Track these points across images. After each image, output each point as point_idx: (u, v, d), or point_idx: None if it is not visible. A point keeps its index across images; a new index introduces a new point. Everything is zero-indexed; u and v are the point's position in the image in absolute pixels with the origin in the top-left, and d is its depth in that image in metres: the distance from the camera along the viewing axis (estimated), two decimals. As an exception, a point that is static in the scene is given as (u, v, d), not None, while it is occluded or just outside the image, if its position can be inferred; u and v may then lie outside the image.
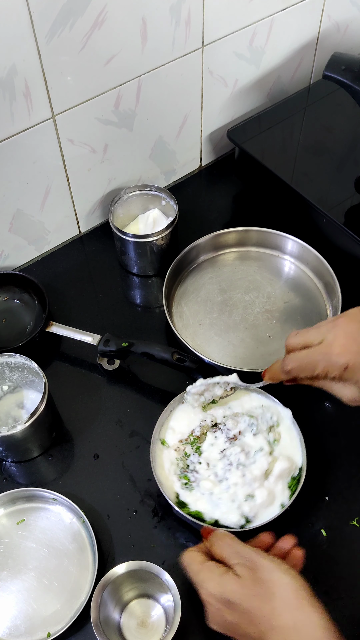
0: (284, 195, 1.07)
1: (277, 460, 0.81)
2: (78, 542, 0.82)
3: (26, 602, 0.78)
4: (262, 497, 0.78)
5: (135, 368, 0.97)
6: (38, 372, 0.86)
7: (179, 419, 0.87)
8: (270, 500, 0.79)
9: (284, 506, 0.78)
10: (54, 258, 1.11)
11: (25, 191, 0.99)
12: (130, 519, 0.84)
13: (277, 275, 1.06)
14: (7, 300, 1.04)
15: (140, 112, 1.03)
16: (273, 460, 0.81)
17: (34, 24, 0.81)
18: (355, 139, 1.15)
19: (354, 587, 0.79)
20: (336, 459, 0.87)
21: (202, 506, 0.80)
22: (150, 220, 1.07)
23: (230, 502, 0.79)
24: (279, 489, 0.79)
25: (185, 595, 0.74)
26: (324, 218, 1.01)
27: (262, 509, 0.78)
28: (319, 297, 1.03)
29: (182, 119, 1.11)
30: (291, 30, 1.14)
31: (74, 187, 1.05)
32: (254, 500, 0.78)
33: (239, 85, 1.15)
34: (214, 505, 0.79)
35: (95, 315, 1.03)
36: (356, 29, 1.25)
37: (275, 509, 0.78)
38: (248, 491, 0.79)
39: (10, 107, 0.87)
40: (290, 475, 0.81)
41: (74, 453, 0.90)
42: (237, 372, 0.91)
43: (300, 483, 0.79)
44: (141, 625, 0.76)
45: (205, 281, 1.05)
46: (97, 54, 0.90)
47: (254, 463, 0.81)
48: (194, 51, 1.02)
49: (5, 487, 0.86)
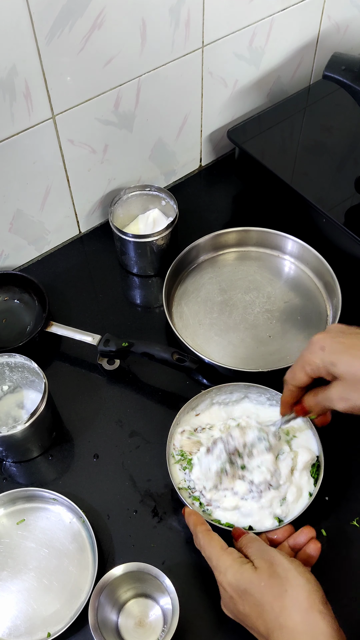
0: (284, 195, 1.07)
1: (298, 454, 0.81)
2: (78, 542, 0.82)
3: (26, 602, 0.78)
4: (292, 495, 0.79)
5: (135, 368, 0.97)
6: (38, 372, 0.86)
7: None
8: (299, 495, 0.80)
9: (312, 495, 0.79)
10: (54, 258, 1.11)
11: (25, 191, 0.99)
12: (130, 519, 0.84)
13: (277, 275, 1.06)
14: (7, 300, 1.04)
15: (140, 113, 1.03)
16: (295, 455, 0.82)
17: (34, 25, 0.81)
18: (355, 139, 1.15)
19: (354, 587, 0.79)
20: (336, 459, 0.87)
21: (230, 518, 0.79)
22: (150, 220, 1.07)
23: (261, 510, 0.79)
24: (305, 481, 0.80)
25: (184, 598, 0.74)
26: (324, 218, 1.01)
27: (293, 505, 0.79)
28: (319, 297, 1.03)
29: (182, 120, 1.11)
30: (291, 31, 1.14)
31: (74, 187, 1.05)
32: (286, 503, 0.79)
33: (239, 85, 1.15)
34: (244, 515, 0.79)
35: (95, 315, 1.03)
36: (356, 29, 1.25)
37: (304, 501, 0.79)
38: (281, 496, 0.79)
39: (10, 108, 0.87)
40: (311, 465, 0.82)
41: (74, 453, 0.90)
42: (237, 372, 0.91)
43: (321, 469, 0.80)
44: (139, 625, 0.76)
45: (205, 281, 1.06)
46: (96, 54, 0.90)
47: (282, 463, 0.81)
48: (194, 52, 1.02)
49: (5, 487, 0.86)
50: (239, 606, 0.66)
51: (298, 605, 0.63)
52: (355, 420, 0.91)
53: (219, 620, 0.76)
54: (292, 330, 0.99)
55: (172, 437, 0.84)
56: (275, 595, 0.64)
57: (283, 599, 0.63)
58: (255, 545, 0.70)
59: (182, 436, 0.85)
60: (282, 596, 0.63)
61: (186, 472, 0.83)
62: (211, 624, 0.77)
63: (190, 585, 0.78)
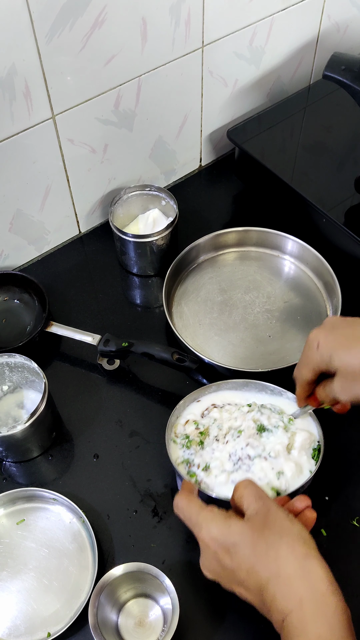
0: (284, 195, 1.07)
1: (296, 434, 0.81)
2: (78, 542, 0.82)
3: (26, 602, 0.78)
4: (291, 471, 0.78)
5: (135, 368, 0.97)
6: (38, 372, 0.86)
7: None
8: (299, 471, 0.79)
9: (312, 472, 0.79)
10: (54, 258, 1.11)
11: (25, 191, 0.99)
12: (130, 519, 0.84)
13: (277, 275, 1.06)
14: (7, 300, 1.04)
15: (140, 112, 1.03)
16: (292, 435, 0.81)
17: (34, 24, 0.81)
18: (355, 139, 1.15)
19: (354, 587, 0.79)
20: (336, 459, 0.87)
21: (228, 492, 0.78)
22: (150, 220, 1.07)
23: (259, 481, 0.78)
24: (304, 460, 0.80)
25: (184, 598, 0.73)
26: (324, 218, 1.01)
27: (293, 481, 0.78)
28: (319, 297, 1.03)
29: (182, 119, 1.11)
30: (291, 30, 1.14)
31: (74, 187, 1.05)
32: (284, 477, 0.78)
33: (239, 85, 1.15)
34: None
35: (95, 315, 1.03)
36: (356, 29, 1.25)
37: (304, 477, 0.79)
38: (277, 468, 0.79)
39: (10, 107, 0.87)
40: (311, 447, 0.81)
41: (74, 453, 0.90)
42: (237, 372, 0.91)
43: (321, 452, 0.79)
44: (139, 625, 0.76)
45: (205, 281, 1.06)
46: (97, 54, 0.90)
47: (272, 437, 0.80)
48: (194, 51, 1.02)
49: (5, 487, 0.86)
50: (225, 561, 0.63)
51: (294, 553, 0.61)
52: (355, 420, 0.91)
53: (219, 620, 0.76)
54: (292, 330, 0.99)
55: (172, 427, 0.84)
56: (270, 544, 0.62)
57: (278, 548, 0.62)
58: (251, 490, 0.68)
59: (188, 426, 0.85)
60: (277, 545, 0.62)
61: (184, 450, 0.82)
62: (211, 623, 0.77)
63: (190, 585, 0.78)
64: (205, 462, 0.80)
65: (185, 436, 0.84)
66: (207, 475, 0.79)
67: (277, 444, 0.80)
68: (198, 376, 0.96)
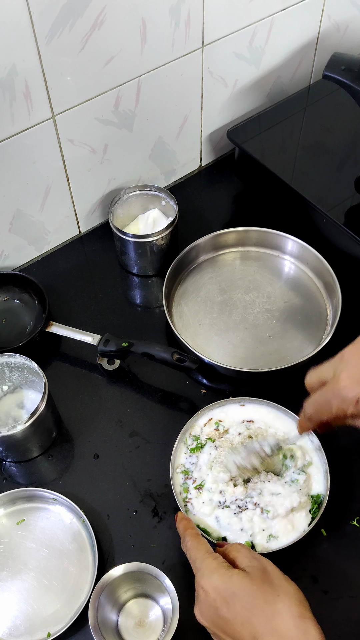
0: (284, 195, 1.07)
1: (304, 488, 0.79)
2: (78, 542, 0.82)
3: (26, 602, 0.78)
4: (284, 531, 0.76)
5: (135, 368, 0.97)
6: (38, 372, 0.86)
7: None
8: (291, 529, 0.77)
9: (304, 531, 0.76)
10: (54, 258, 1.11)
11: (25, 191, 0.99)
12: (130, 519, 0.84)
13: (277, 275, 1.06)
14: (7, 300, 1.04)
15: (140, 112, 1.03)
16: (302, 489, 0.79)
17: (34, 25, 0.81)
18: (355, 139, 1.15)
19: (353, 587, 0.79)
20: (336, 459, 0.87)
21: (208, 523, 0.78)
22: (150, 220, 1.07)
23: (240, 531, 0.77)
24: (302, 517, 0.78)
25: (184, 598, 0.73)
26: (324, 218, 1.01)
27: (280, 541, 0.76)
28: (319, 297, 1.03)
29: (182, 119, 1.11)
30: (291, 30, 1.14)
31: (74, 187, 1.05)
32: (275, 539, 0.76)
33: (239, 85, 1.15)
34: (221, 527, 0.78)
35: (95, 315, 1.03)
36: (356, 29, 1.25)
37: (294, 535, 0.76)
38: (269, 532, 0.77)
39: (10, 108, 0.87)
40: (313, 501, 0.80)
41: (74, 453, 0.90)
42: (236, 372, 0.91)
43: (321, 508, 0.77)
44: (139, 625, 0.76)
45: (205, 281, 1.06)
46: (96, 54, 0.90)
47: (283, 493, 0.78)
48: (194, 51, 1.02)
49: (5, 487, 0.86)
50: (221, 611, 0.64)
51: (290, 611, 0.62)
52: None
53: (219, 620, 0.76)
54: (292, 330, 0.99)
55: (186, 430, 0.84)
56: (268, 599, 0.63)
57: (275, 604, 0.62)
58: (245, 552, 0.69)
59: (208, 426, 0.85)
60: (274, 601, 0.63)
61: (191, 456, 0.82)
62: (211, 624, 0.77)
63: (190, 585, 0.78)
64: (202, 480, 0.80)
65: (195, 438, 0.84)
66: (196, 496, 0.80)
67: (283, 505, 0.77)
68: (198, 376, 0.96)
